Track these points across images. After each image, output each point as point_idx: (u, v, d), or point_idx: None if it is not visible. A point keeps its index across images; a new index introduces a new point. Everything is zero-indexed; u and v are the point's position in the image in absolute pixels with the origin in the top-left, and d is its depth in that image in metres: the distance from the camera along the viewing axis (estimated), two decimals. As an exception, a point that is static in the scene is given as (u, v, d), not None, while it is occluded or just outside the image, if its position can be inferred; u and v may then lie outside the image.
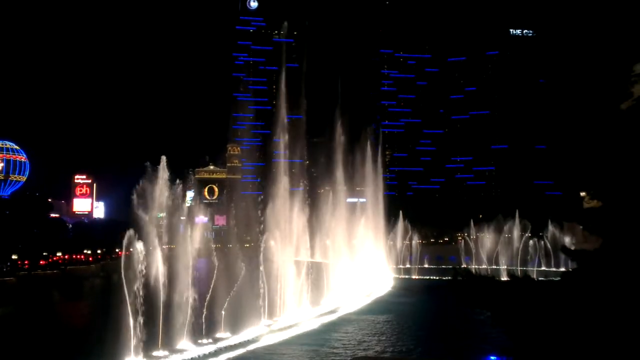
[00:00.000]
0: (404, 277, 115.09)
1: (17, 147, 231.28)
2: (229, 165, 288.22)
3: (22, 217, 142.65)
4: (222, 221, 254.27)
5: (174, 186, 50.95)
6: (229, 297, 51.76)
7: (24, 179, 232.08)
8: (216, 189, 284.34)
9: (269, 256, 61.92)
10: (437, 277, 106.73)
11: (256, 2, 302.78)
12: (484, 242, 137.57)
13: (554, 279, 16.78)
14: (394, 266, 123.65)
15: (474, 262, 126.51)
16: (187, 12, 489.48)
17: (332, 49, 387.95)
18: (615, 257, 12.66)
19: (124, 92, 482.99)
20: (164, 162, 49.24)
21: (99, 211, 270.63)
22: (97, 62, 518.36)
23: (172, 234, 51.68)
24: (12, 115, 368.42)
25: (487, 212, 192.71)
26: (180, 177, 54.20)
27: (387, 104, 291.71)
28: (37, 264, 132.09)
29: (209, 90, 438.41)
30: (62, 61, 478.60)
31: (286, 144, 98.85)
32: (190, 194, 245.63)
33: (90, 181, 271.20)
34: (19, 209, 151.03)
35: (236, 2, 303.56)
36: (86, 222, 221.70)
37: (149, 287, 43.35)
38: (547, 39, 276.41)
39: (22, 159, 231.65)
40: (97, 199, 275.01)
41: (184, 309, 45.86)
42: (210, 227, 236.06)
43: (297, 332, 54.96)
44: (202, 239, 55.44)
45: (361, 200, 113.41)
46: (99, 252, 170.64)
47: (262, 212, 73.08)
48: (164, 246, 47.59)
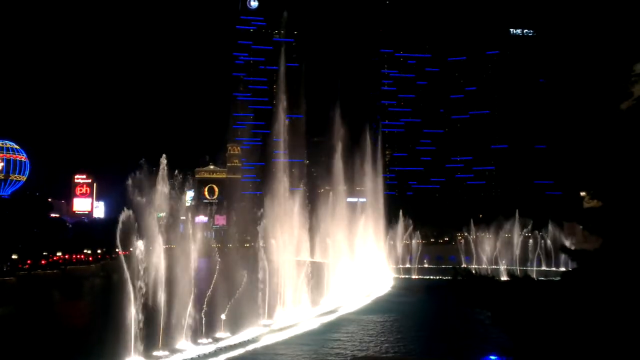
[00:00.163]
0: (404, 277, 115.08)
1: (17, 147, 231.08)
2: (229, 165, 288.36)
3: (22, 217, 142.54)
4: (222, 221, 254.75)
5: (174, 186, 50.97)
6: (229, 298, 51.79)
7: (24, 178, 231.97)
8: (216, 188, 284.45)
9: (268, 256, 61.89)
10: (437, 277, 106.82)
11: (256, 1, 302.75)
12: (484, 241, 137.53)
13: (554, 279, 16.75)
14: (394, 266, 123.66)
15: (474, 262, 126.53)
16: (188, 11, 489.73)
17: (332, 49, 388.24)
18: (615, 257, 12.66)
19: (124, 92, 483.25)
20: (164, 162, 49.32)
21: (99, 211, 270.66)
22: (97, 62, 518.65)
23: (172, 233, 51.69)
24: (13, 114, 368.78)
25: (487, 211, 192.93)
26: (180, 176, 54.28)
27: (387, 104, 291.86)
28: (37, 263, 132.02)
29: (209, 89, 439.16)
30: (63, 61, 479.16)
31: (286, 144, 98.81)
32: (190, 194, 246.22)
33: (90, 181, 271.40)
34: (19, 208, 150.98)
35: (236, 2, 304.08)
36: (86, 222, 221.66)
37: (148, 286, 43.37)
38: (547, 38, 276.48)
39: (22, 159, 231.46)
40: (97, 199, 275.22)
41: (184, 309, 45.89)
42: (210, 226, 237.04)
43: (296, 332, 54.91)
44: (202, 239, 55.46)
45: (361, 200, 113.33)
46: (99, 251, 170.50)
47: (261, 212, 73.14)
48: (164, 246, 47.60)
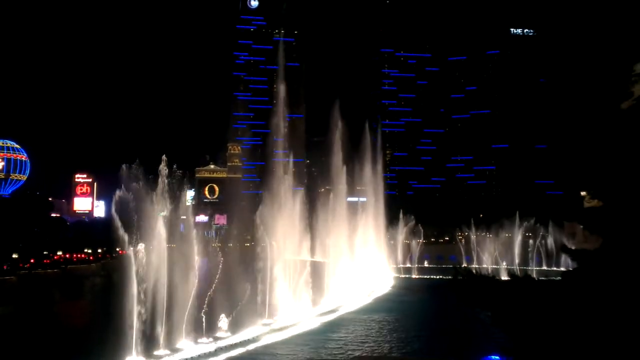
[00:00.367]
0: (404, 276, 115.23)
1: (18, 146, 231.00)
2: (229, 164, 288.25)
3: (22, 216, 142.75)
4: (222, 220, 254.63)
5: (175, 185, 51.02)
6: (228, 298, 51.84)
7: (24, 178, 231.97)
8: (216, 188, 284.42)
9: (268, 256, 61.89)
10: (438, 277, 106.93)
11: (257, 1, 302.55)
12: (484, 241, 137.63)
13: (554, 278, 16.75)
14: (395, 265, 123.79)
15: (475, 261, 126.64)
16: (188, 11, 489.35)
17: (332, 49, 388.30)
18: (615, 257, 12.66)
19: (124, 91, 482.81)
20: (164, 161, 49.37)
21: (100, 210, 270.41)
22: (97, 61, 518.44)
23: (173, 233, 51.70)
24: (13, 114, 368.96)
25: (487, 211, 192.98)
26: (180, 176, 54.35)
27: (387, 103, 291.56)
28: (38, 263, 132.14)
29: (210, 89, 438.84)
30: (63, 60, 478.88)
31: (286, 143, 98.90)
32: (190, 193, 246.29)
33: (90, 180, 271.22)
34: (19, 208, 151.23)
35: (237, 1, 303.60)
36: (87, 221, 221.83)
37: (149, 286, 43.41)
38: (547, 38, 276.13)
39: (23, 158, 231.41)
40: (98, 198, 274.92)
41: (184, 309, 45.92)
42: (210, 226, 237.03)
43: (297, 331, 54.92)
44: (203, 238, 55.49)
45: (362, 199, 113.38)
46: (100, 251, 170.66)
47: (262, 211, 73.15)
48: (165, 245, 47.64)
